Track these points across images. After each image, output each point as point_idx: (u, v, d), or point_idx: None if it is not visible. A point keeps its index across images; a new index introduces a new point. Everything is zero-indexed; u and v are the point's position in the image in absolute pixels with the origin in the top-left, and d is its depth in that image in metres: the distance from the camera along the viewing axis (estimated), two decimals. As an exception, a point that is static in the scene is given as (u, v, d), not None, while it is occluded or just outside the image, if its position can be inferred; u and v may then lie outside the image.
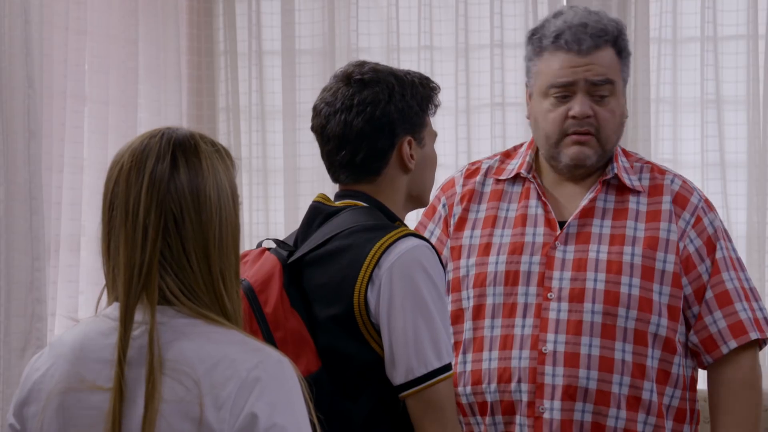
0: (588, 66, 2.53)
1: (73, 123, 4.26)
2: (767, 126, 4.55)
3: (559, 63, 2.54)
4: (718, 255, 2.55)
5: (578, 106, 2.53)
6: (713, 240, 2.56)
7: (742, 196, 4.63)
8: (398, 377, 2.22)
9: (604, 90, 2.54)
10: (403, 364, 2.20)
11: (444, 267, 2.31)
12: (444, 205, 2.71)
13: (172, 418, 1.69)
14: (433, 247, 2.26)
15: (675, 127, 4.68)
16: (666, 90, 4.66)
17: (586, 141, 2.55)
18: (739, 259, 2.60)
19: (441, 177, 4.77)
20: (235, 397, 1.69)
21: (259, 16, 4.92)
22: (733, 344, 2.51)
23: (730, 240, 2.61)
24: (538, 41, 2.57)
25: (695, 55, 4.64)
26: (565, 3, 4.75)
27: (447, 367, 2.23)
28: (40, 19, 4.00)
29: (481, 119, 4.77)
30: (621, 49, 2.57)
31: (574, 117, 2.53)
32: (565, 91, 2.55)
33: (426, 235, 2.72)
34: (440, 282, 2.24)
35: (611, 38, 2.55)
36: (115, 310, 1.77)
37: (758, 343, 2.57)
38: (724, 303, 2.53)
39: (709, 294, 2.53)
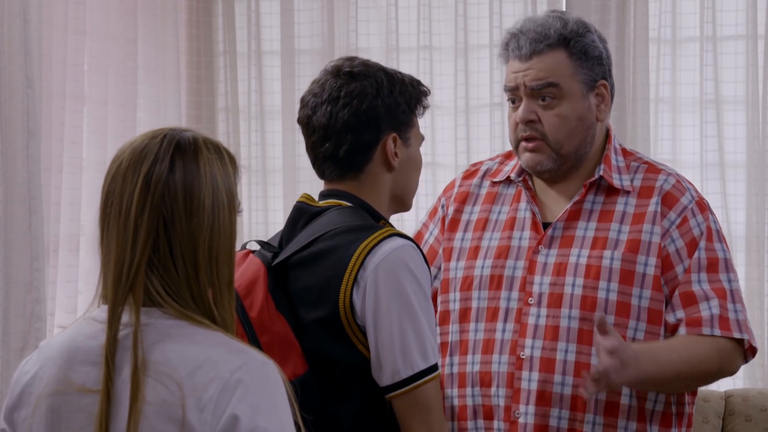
0: (527, 71, 2.52)
1: (72, 123, 4.26)
2: (766, 126, 4.55)
3: (509, 69, 2.57)
4: (695, 255, 2.50)
5: (520, 111, 2.54)
6: (697, 240, 2.51)
7: (741, 196, 4.63)
8: (384, 379, 2.21)
9: (547, 93, 2.51)
10: (389, 365, 2.19)
11: (429, 266, 2.30)
12: (443, 206, 2.71)
13: (155, 420, 1.68)
14: (418, 246, 2.25)
15: (674, 127, 4.69)
16: (665, 90, 4.67)
17: (534, 147, 2.53)
18: (725, 260, 2.53)
19: (440, 176, 4.83)
20: (217, 399, 1.68)
21: (259, 16, 4.92)
22: (683, 331, 2.47)
23: (719, 240, 2.54)
24: (500, 51, 2.60)
25: (694, 55, 4.65)
26: (564, 4, 4.75)
27: (433, 368, 2.22)
28: (39, 19, 4.00)
29: (481, 119, 4.77)
30: (576, 52, 2.53)
31: (519, 122, 2.54)
32: (513, 96, 2.56)
33: (427, 234, 2.72)
34: (425, 282, 2.23)
35: (555, 41, 2.51)
36: (102, 312, 1.77)
37: (744, 350, 2.51)
38: (688, 303, 2.48)
39: (676, 293, 2.49)
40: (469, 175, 2.73)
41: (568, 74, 2.52)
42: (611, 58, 2.61)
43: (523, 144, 2.55)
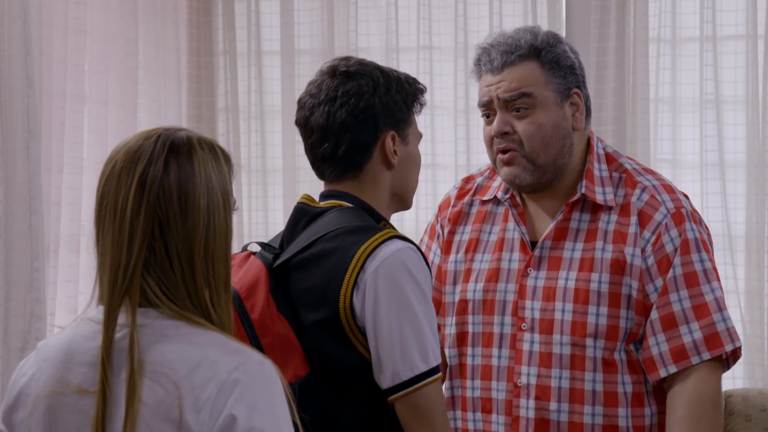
0: (499, 84, 2.51)
1: (72, 123, 4.26)
2: (766, 126, 4.55)
3: (481, 84, 2.56)
4: (670, 275, 2.47)
5: (495, 123, 2.52)
6: (670, 258, 2.48)
7: (741, 196, 4.62)
8: (385, 381, 2.21)
9: (521, 104, 2.49)
10: (389, 368, 2.19)
11: (431, 271, 2.30)
12: (440, 225, 2.71)
13: (153, 420, 1.69)
14: (418, 248, 2.25)
15: (674, 127, 4.68)
16: (665, 90, 4.66)
17: (510, 160, 2.51)
18: (705, 271, 2.49)
19: (440, 177, 4.82)
20: (215, 399, 1.69)
21: (259, 16, 4.92)
22: (672, 368, 2.45)
23: (699, 250, 2.50)
24: (473, 68, 2.59)
25: (694, 55, 4.64)
26: (564, 4, 4.75)
27: (434, 370, 2.21)
28: (39, 18, 4.00)
29: (480, 119, 4.76)
30: (547, 61, 2.51)
31: (494, 135, 2.53)
32: (487, 110, 2.55)
33: (429, 255, 2.72)
34: (426, 284, 2.23)
35: (526, 52, 2.50)
36: (99, 313, 1.77)
37: (721, 361, 2.49)
38: (669, 326, 2.46)
39: (654, 315, 2.47)
40: (462, 193, 2.71)
41: (541, 83, 2.51)
42: (584, 69, 2.60)
43: (500, 156, 2.53)
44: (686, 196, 2.58)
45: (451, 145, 4.79)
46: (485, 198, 2.66)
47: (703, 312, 2.47)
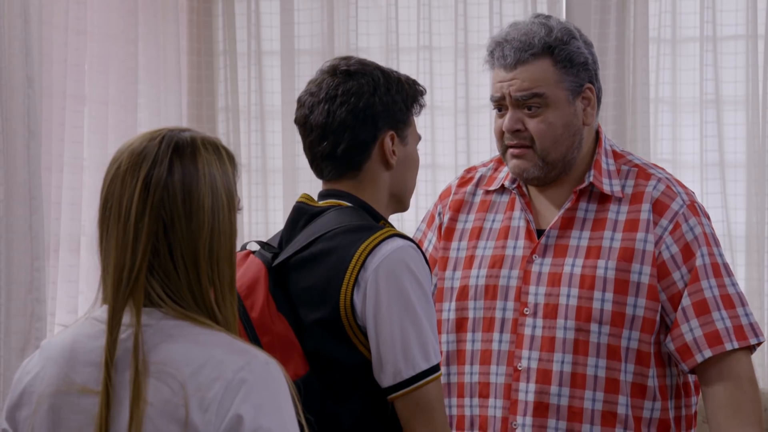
0: (512, 81, 2.52)
1: (72, 123, 4.26)
2: (766, 126, 4.55)
3: (494, 78, 2.56)
4: (698, 263, 2.49)
5: (506, 120, 2.54)
6: (692, 247, 2.51)
7: (741, 196, 4.62)
8: (386, 380, 2.20)
9: (533, 103, 2.51)
10: (390, 366, 2.19)
11: (431, 268, 2.30)
12: (439, 213, 2.72)
13: (159, 420, 1.69)
14: (418, 246, 2.25)
15: (674, 127, 4.68)
16: (665, 90, 4.67)
17: (520, 154, 2.53)
18: (725, 264, 2.54)
19: (440, 177, 4.83)
20: (221, 399, 1.69)
21: (259, 16, 4.93)
22: (708, 353, 2.47)
23: (716, 245, 2.54)
24: (486, 57, 2.59)
25: (694, 55, 4.64)
26: (564, 4, 4.75)
27: (435, 368, 2.21)
28: (39, 18, 4.00)
29: (480, 119, 4.77)
30: (560, 60, 2.52)
31: (506, 131, 2.54)
32: (499, 105, 2.56)
33: (425, 242, 2.72)
34: (426, 283, 2.23)
35: (539, 50, 2.50)
36: (104, 312, 1.77)
37: (748, 348, 2.52)
38: (702, 311, 2.48)
39: (686, 302, 2.48)
40: (464, 182, 2.72)
41: (552, 83, 2.51)
42: (597, 62, 2.60)
43: (510, 150, 2.55)
44: (693, 193, 2.61)
45: (451, 145, 4.79)
46: (491, 188, 2.67)
47: (730, 303, 2.50)
